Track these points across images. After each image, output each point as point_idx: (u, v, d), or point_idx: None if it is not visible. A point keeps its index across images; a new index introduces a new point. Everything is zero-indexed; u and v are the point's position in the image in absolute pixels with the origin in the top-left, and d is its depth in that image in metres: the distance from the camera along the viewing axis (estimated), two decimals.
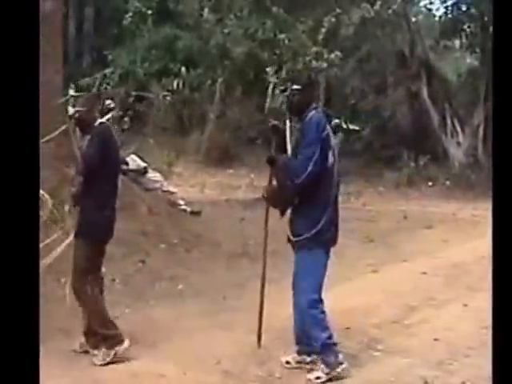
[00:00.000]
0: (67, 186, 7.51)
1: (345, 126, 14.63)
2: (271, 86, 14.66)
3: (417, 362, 5.31)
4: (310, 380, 4.94)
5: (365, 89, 17.19)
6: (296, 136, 5.08)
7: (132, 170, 10.97)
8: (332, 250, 5.11)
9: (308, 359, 5.16)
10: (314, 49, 14.74)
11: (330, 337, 4.96)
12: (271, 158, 5.16)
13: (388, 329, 6.18)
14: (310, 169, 4.76)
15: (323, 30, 14.82)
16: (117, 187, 5.50)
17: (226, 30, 15.87)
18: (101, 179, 5.24)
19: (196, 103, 17.54)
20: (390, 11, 16.52)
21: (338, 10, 14.54)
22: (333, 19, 14.70)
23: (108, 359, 5.19)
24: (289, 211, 5.09)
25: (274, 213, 5.20)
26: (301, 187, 4.84)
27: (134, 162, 11.28)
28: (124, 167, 10.98)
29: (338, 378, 4.93)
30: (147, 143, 15.73)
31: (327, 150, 4.87)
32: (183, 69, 17.31)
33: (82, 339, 5.44)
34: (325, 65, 14.59)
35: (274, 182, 5.24)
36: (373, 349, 5.63)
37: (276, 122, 5.26)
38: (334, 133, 5.07)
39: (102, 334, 5.27)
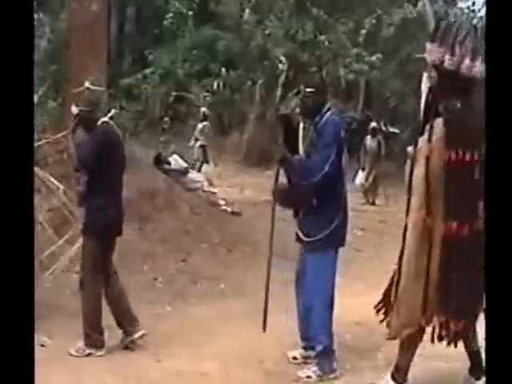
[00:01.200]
0: None
1: (384, 129, 14.51)
2: (279, 91, 14.66)
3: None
4: (300, 377, 4.97)
5: (405, 91, 17.00)
6: (311, 137, 5.07)
7: (174, 170, 11.03)
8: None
9: (314, 355, 5.16)
10: (355, 50, 14.67)
11: (332, 343, 5.00)
12: (283, 157, 5.18)
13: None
14: (326, 169, 4.80)
15: (363, 31, 14.73)
16: (121, 186, 5.56)
17: (266, 32, 15.88)
18: (104, 178, 5.30)
19: (236, 104, 17.54)
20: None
21: (378, 11, 14.43)
22: (373, 20, 14.62)
23: (79, 354, 5.27)
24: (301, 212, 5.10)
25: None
26: (317, 187, 4.86)
27: (175, 162, 11.34)
28: (166, 167, 11.09)
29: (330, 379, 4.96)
30: (186, 143, 15.77)
31: (342, 152, 4.93)
32: (223, 70, 17.36)
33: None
34: (365, 67, 14.49)
35: (284, 181, 5.26)
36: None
37: (285, 112, 5.29)
38: (373, 136, 5.09)
39: (85, 332, 5.34)
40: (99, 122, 5.41)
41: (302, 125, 5.21)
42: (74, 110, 5.51)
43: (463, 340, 4.21)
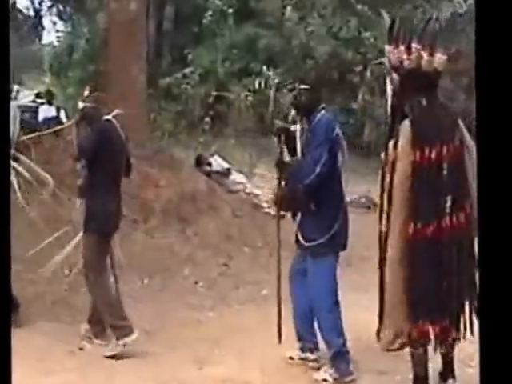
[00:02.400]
0: None
1: None
2: (273, 89, 14.48)
3: None
4: (316, 380, 4.92)
5: (454, 89, 16.65)
6: (305, 137, 4.99)
7: (215, 172, 10.95)
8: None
9: (312, 357, 5.16)
10: None
11: (344, 343, 4.93)
12: (279, 161, 5.14)
13: None
14: (318, 170, 4.72)
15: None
16: (119, 184, 5.70)
17: (308, 29, 15.73)
18: (103, 174, 5.48)
19: (278, 103, 17.39)
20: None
21: (425, 6, 14.16)
22: (420, 15, 14.35)
23: (117, 350, 5.31)
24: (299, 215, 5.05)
25: None
26: (310, 189, 4.79)
27: (217, 163, 11.26)
28: (207, 168, 10.99)
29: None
30: (228, 144, 15.67)
31: (337, 151, 4.86)
32: (265, 68, 17.23)
33: (87, 326, 5.66)
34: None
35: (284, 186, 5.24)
36: (466, 365, 5.34)
37: (281, 125, 5.30)
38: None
39: (111, 324, 5.42)
40: (102, 120, 5.60)
41: (299, 126, 5.07)
42: (80, 104, 5.76)
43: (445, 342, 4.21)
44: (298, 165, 4.99)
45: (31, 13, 22.39)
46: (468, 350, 5.61)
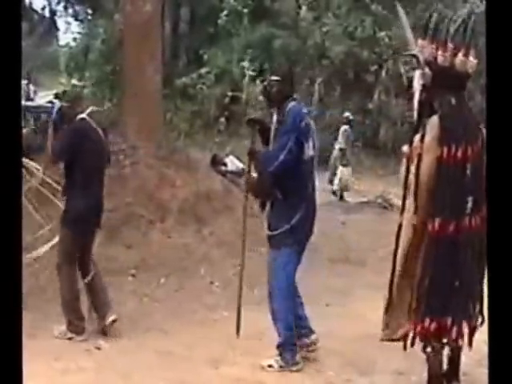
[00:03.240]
0: None
1: None
2: (247, 78, 14.38)
3: None
4: (263, 367, 5.06)
5: (471, 89, 16.55)
6: (274, 127, 5.08)
7: (230, 172, 10.94)
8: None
9: (308, 341, 5.24)
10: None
11: (292, 336, 5.04)
12: (251, 151, 5.14)
13: None
14: (282, 157, 4.77)
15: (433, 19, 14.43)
16: (101, 181, 5.80)
17: (324, 29, 15.69)
18: (80, 173, 5.56)
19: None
20: None
21: (439, 6, 14.10)
22: (435, 15, 14.28)
23: (61, 337, 5.59)
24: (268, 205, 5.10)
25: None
26: (274, 176, 4.85)
27: (232, 163, 11.25)
28: (222, 168, 10.99)
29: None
30: (243, 144, 15.66)
31: (304, 141, 4.87)
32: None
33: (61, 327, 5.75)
34: None
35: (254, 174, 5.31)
36: (484, 366, 5.29)
37: (252, 117, 5.44)
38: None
39: (68, 318, 5.66)
40: (77, 118, 5.66)
41: (275, 117, 5.10)
42: (57, 104, 5.81)
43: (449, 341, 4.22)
44: (265, 152, 5.07)
45: (47, 14, 22.51)
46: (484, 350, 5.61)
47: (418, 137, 4.13)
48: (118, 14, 15.94)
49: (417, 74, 4.27)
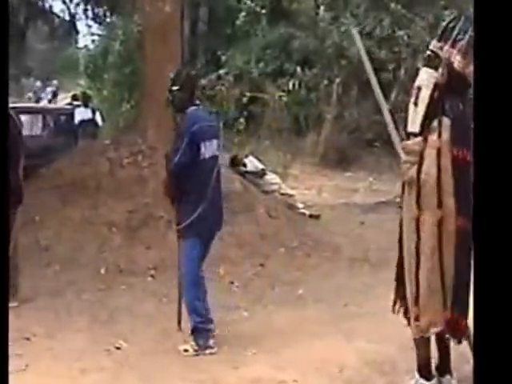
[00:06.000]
0: None
1: None
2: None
3: None
4: (179, 351, 5.43)
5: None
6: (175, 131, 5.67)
7: (250, 172, 10.97)
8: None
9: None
10: None
11: (202, 322, 5.42)
12: (166, 154, 5.58)
13: None
14: (176, 159, 5.25)
15: (455, 22, 14.33)
16: (18, 174, 6.17)
17: (342, 29, 15.63)
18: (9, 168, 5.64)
19: (312, 104, 17.34)
20: None
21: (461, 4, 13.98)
22: (454, 13, 14.19)
23: None
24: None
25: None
26: (171, 176, 5.36)
27: (251, 163, 11.27)
28: (241, 169, 11.00)
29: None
30: (262, 145, 15.66)
31: (199, 143, 5.30)
32: (299, 69, 17.18)
33: None
34: None
35: None
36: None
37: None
38: None
39: None
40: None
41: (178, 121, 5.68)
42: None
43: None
44: (167, 155, 5.55)
45: (66, 17, 22.63)
46: None
47: (435, 134, 4.15)
48: (136, 15, 15.98)
49: (426, 70, 4.26)
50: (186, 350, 5.42)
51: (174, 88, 5.51)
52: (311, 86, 17.12)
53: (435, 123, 4.16)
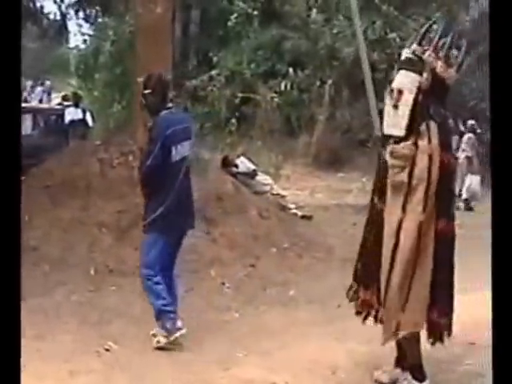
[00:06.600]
0: None
1: (462, 128, 14.17)
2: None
3: None
4: (153, 343, 5.49)
5: (484, 89, 16.44)
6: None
7: (242, 173, 10.95)
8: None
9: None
10: None
11: (165, 304, 5.50)
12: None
13: None
14: (148, 162, 5.39)
15: (435, 26, 14.37)
16: None
17: (334, 30, 15.67)
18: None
19: (304, 105, 17.36)
20: None
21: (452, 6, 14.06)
22: (446, 15, 14.25)
23: None
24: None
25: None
26: (142, 179, 5.58)
27: (243, 164, 11.26)
28: (233, 170, 10.98)
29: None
30: (254, 145, 15.65)
31: (170, 147, 5.41)
32: (291, 70, 17.20)
33: None
34: None
35: None
36: None
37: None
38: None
39: None
40: None
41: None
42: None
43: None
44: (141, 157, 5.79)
45: (58, 17, 22.56)
46: None
47: (425, 139, 4.17)
48: (128, 16, 15.96)
49: (406, 73, 4.26)
50: (158, 342, 5.48)
51: (146, 91, 5.57)
52: (303, 87, 17.15)
53: (423, 127, 4.18)
